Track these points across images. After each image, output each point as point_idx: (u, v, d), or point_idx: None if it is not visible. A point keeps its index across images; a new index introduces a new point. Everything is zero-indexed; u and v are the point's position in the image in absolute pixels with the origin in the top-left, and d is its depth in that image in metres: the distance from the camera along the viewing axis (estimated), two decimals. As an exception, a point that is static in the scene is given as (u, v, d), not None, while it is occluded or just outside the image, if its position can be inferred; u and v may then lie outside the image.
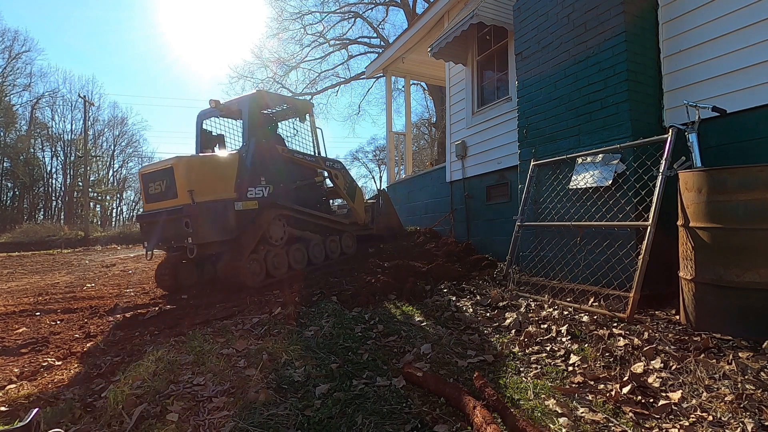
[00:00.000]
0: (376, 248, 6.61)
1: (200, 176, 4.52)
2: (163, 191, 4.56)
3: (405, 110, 11.02)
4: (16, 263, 10.82)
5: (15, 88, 32.76)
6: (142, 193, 4.87)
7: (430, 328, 3.05)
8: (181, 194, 4.38)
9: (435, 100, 19.40)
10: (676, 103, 3.60)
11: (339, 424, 1.79)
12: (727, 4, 3.30)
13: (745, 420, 1.68)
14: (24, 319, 4.23)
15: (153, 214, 4.69)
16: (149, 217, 4.77)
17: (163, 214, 4.55)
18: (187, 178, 4.39)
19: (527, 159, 4.59)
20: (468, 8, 5.88)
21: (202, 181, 4.51)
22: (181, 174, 4.40)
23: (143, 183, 4.82)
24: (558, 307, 3.38)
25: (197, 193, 4.37)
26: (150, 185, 4.72)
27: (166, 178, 4.52)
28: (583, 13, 3.92)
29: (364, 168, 44.18)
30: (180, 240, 4.49)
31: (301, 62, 22.85)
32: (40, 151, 35.15)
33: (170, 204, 4.50)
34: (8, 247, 18.47)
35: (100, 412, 1.97)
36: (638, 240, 3.35)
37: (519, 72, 4.74)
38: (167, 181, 4.50)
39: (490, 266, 4.98)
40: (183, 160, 4.50)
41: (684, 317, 2.85)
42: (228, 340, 2.85)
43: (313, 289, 4.26)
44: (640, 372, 2.15)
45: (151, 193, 4.71)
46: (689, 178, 2.80)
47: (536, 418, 1.79)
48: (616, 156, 3.64)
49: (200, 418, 1.88)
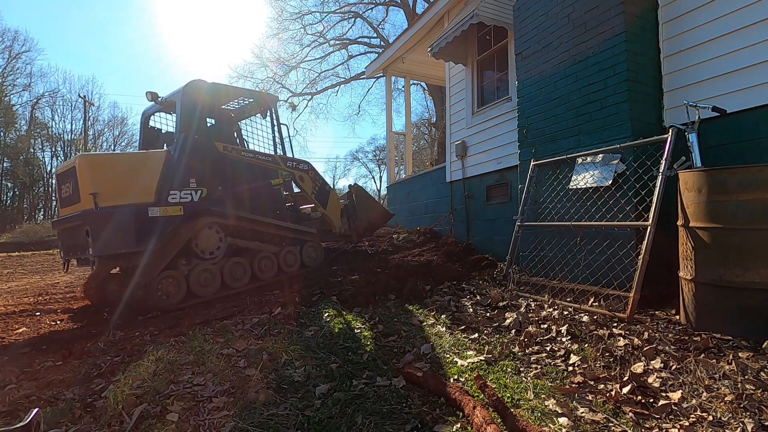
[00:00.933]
0: (376, 248, 6.62)
1: (109, 177, 3.96)
2: (70, 194, 4.04)
3: (405, 110, 11.02)
4: (16, 263, 10.82)
5: (15, 88, 32.76)
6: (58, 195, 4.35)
7: (430, 328, 3.05)
8: (84, 198, 3.82)
9: (435, 100, 19.40)
10: (676, 103, 3.60)
11: (339, 424, 1.79)
12: (727, 4, 3.30)
13: (745, 420, 1.68)
14: (24, 319, 4.23)
15: (63, 219, 4.19)
16: (61, 224, 4.24)
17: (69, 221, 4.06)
18: (91, 179, 3.84)
19: (527, 159, 4.59)
20: (468, 8, 5.88)
21: (111, 182, 3.94)
22: (83, 174, 3.85)
23: (57, 184, 4.31)
24: (558, 307, 3.38)
25: (105, 196, 3.82)
26: (62, 187, 4.19)
27: (72, 180, 3.98)
28: (583, 13, 3.91)
29: (364, 168, 44.25)
30: (83, 251, 3.94)
31: (301, 62, 22.86)
32: (40, 151, 35.16)
33: (74, 209, 3.96)
34: (8, 247, 18.46)
35: (100, 412, 1.97)
36: (638, 240, 3.34)
37: (519, 72, 4.74)
38: (72, 183, 3.97)
39: (490, 266, 4.98)
40: (87, 159, 4.03)
41: (684, 317, 2.85)
42: (228, 340, 2.85)
43: (313, 289, 4.26)
44: (640, 372, 2.15)
45: (63, 197, 4.20)
46: (689, 178, 2.80)
47: (536, 418, 1.79)
48: (616, 156, 3.64)
49: (200, 418, 1.88)
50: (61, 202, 4.30)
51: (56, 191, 4.34)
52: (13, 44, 32.37)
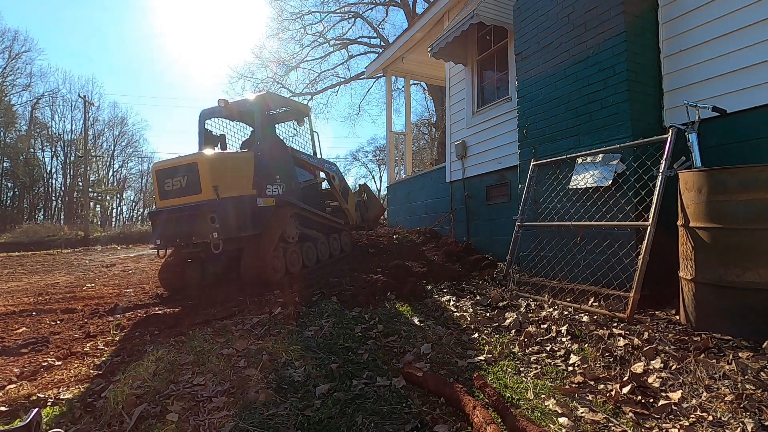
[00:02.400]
0: (376, 248, 6.62)
1: (223, 173, 4.56)
2: (183, 187, 4.57)
3: (405, 110, 11.03)
4: (16, 263, 10.82)
5: (15, 88, 32.79)
6: (156, 189, 4.79)
7: (430, 328, 3.05)
8: (205, 189, 4.41)
9: (435, 100, 19.40)
10: (676, 103, 3.60)
11: (339, 424, 1.79)
12: (727, 4, 3.30)
13: (745, 420, 1.68)
14: (24, 319, 4.23)
15: (170, 210, 4.64)
16: (165, 214, 4.69)
17: (183, 210, 4.54)
18: (212, 174, 4.44)
19: (527, 159, 4.59)
20: (468, 8, 5.88)
21: (225, 177, 4.55)
22: (205, 169, 4.44)
23: (158, 179, 4.73)
24: (558, 307, 3.38)
25: (222, 189, 4.41)
26: (166, 181, 4.67)
27: (188, 174, 4.53)
28: (583, 13, 3.92)
29: (364, 168, 44.25)
30: (202, 236, 4.44)
31: (301, 62, 22.88)
32: (40, 151, 35.18)
33: (193, 199, 4.50)
34: (8, 247, 18.47)
35: (100, 412, 1.97)
36: (638, 240, 3.35)
37: (519, 72, 4.74)
38: (189, 177, 4.52)
39: (490, 266, 4.98)
40: (207, 156, 4.57)
41: (684, 317, 2.85)
42: (228, 340, 2.85)
43: (313, 289, 4.26)
44: (640, 372, 2.15)
45: (168, 189, 4.67)
46: (689, 178, 2.80)
47: (536, 418, 1.79)
48: (616, 156, 3.64)
49: (200, 418, 1.88)
50: (165, 194, 4.71)
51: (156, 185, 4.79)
52: (13, 44, 32.43)
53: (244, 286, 4.63)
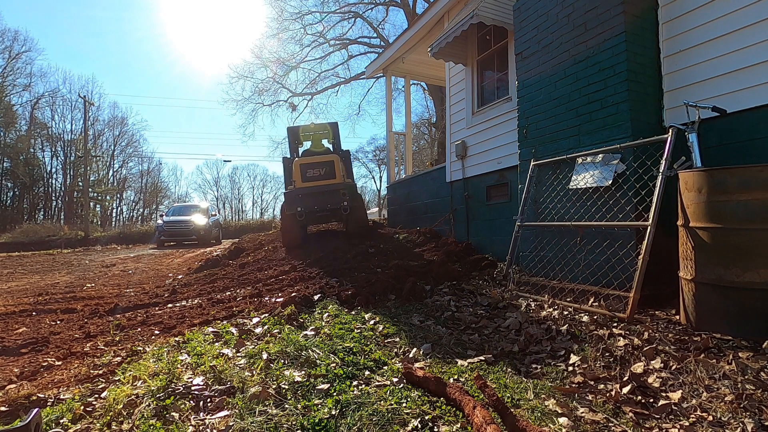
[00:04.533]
0: (376, 248, 6.61)
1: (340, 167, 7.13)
2: (322, 174, 6.98)
3: (405, 110, 11.03)
4: (16, 263, 10.82)
5: (15, 88, 32.80)
6: (299, 175, 6.95)
7: (430, 328, 3.05)
8: (338, 176, 6.98)
9: (435, 100, 19.40)
10: (676, 103, 3.60)
11: (339, 424, 1.79)
12: (727, 4, 3.30)
13: (745, 420, 1.68)
14: (24, 319, 4.23)
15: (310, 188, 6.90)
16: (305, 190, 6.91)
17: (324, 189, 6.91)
18: (339, 167, 7.07)
19: (527, 159, 4.59)
20: (468, 8, 5.88)
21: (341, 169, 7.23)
22: (338, 164, 7.08)
23: (301, 169, 6.96)
24: (558, 307, 3.38)
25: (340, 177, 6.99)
26: (308, 171, 6.99)
27: (326, 167, 7.00)
28: (583, 13, 3.91)
29: (364, 168, 44.24)
30: (336, 203, 6.86)
31: (301, 62, 22.90)
32: (40, 151, 35.21)
33: (331, 182, 6.94)
34: (8, 247, 18.48)
35: (100, 412, 1.97)
36: (638, 240, 3.34)
37: (519, 72, 4.74)
38: (328, 168, 6.99)
39: (490, 266, 4.97)
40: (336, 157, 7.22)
41: (684, 317, 2.85)
42: (228, 340, 2.85)
43: (313, 289, 4.26)
44: (640, 372, 2.15)
45: (309, 176, 6.98)
46: (689, 178, 2.80)
47: (536, 418, 1.79)
48: (616, 156, 3.64)
49: (200, 418, 1.88)
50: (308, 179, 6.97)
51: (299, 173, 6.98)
52: (13, 44, 32.46)
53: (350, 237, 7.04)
